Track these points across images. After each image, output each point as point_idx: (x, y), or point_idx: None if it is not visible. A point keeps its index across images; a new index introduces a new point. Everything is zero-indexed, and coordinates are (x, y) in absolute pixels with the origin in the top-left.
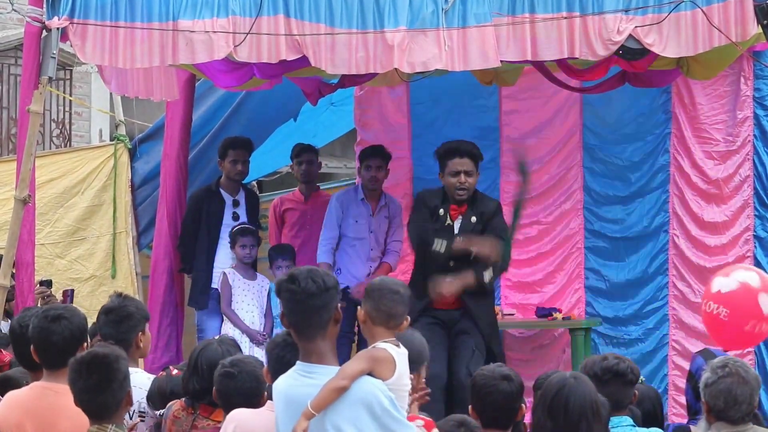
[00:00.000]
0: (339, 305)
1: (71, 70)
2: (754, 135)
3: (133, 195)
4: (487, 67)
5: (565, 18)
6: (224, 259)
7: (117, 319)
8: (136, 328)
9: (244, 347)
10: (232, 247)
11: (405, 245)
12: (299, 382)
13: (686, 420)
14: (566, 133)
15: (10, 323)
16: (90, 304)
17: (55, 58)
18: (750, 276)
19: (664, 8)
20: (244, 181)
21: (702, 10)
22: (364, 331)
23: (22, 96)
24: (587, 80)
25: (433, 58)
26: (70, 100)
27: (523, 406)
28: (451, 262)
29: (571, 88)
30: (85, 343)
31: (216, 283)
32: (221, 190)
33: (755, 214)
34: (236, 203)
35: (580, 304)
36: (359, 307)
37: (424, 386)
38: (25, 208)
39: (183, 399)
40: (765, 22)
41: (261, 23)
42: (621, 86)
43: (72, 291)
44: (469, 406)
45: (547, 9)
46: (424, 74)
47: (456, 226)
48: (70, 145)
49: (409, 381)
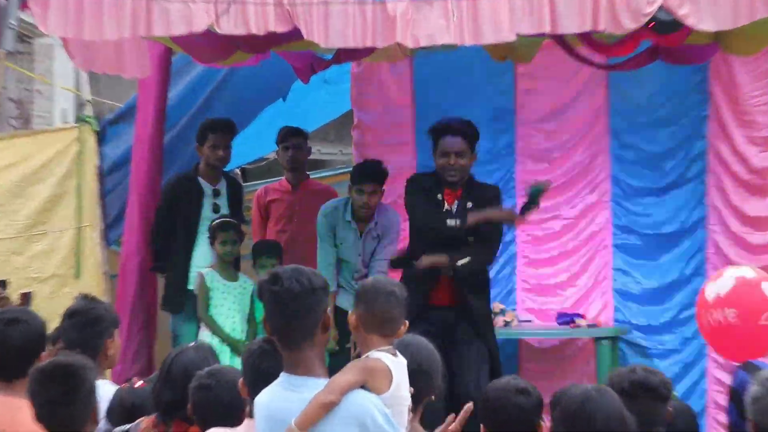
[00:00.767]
0: (328, 309)
1: (32, 43)
2: None
3: (101, 183)
4: (501, 41)
5: None
6: (203, 257)
7: (83, 323)
8: (105, 333)
9: (225, 357)
10: (212, 243)
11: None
12: (283, 397)
13: None
14: (591, 117)
15: None
16: (51, 307)
17: (13, 29)
18: (743, 270)
19: None
20: (225, 169)
21: None
22: (356, 339)
23: None
24: (614, 56)
25: (439, 31)
26: (31, 77)
27: (542, 423)
28: (471, 237)
29: (596, 64)
30: (44, 351)
31: (193, 283)
32: (200, 179)
33: None
34: (217, 193)
35: (607, 309)
36: (350, 312)
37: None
38: None
39: (154, 415)
40: None
41: None
42: (652, 63)
43: (30, 294)
44: (481, 425)
45: None
46: (430, 49)
47: (453, 210)
48: (29, 127)
49: (408, 394)
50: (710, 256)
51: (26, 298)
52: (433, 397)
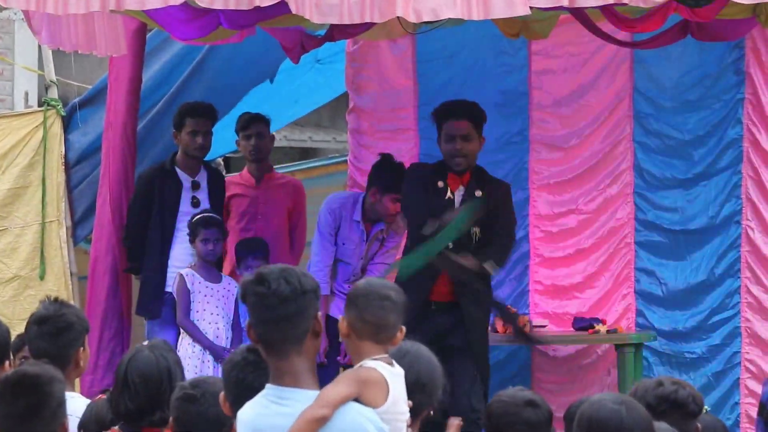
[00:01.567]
0: (319, 314)
1: None
2: None
3: (68, 175)
4: (514, 15)
5: None
6: (181, 256)
7: (53, 330)
8: (76, 342)
9: (207, 367)
10: (192, 241)
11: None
12: (269, 411)
13: None
14: (613, 99)
15: None
16: (12, 312)
17: None
18: None
19: None
20: (206, 158)
21: None
22: (348, 348)
23: None
24: (639, 32)
25: (444, 4)
26: None
27: None
28: (450, 244)
29: (619, 42)
30: (8, 361)
31: (171, 286)
32: (177, 170)
33: None
34: (196, 185)
35: (629, 313)
36: (341, 318)
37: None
38: None
39: (117, 427)
40: None
41: None
42: (682, 40)
43: None
44: None
45: None
46: (434, 24)
47: (457, 198)
48: None
49: (407, 408)
50: (745, 255)
51: None
52: (432, 411)
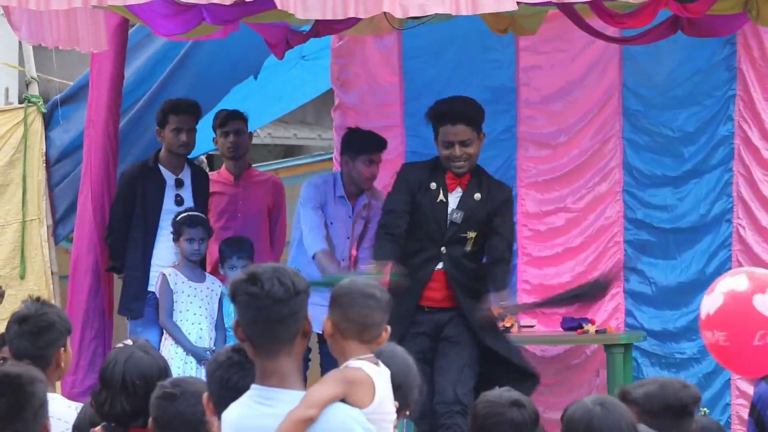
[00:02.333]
0: (310, 315)
1: None
2: None
3: (49, 173)
4: (501, 10)
5: None
6: (164, 255)
7: (34, 330)
8: (58, 342)
9: (190, 369)
10: (176, 239)
11: None
12: (255, 411)
13: None
14: (602, 96)
15: None
16: None
17: None
18: (736, 281)
19: None
20: (189, 156)
21: None
22: (332, 348)
23: None
24: (629, 28)
25: (432, 0)
26: None
27: None
28: (443, 248)
29: (609, 37)
30: None
31: (154, 285)
32: (161, 167)
33: None
34: (180, 183)
35: (618, 313)
36: (324, 318)
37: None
38: None
39: (100, 427)
40: None
41: None
42: (672, 36)
43: None
44: None
45: None
46: (421, 20)
47: (452, 200)
48: None
49: (393, 409)
50: (736, 254)
51: None
52: (408, 412)
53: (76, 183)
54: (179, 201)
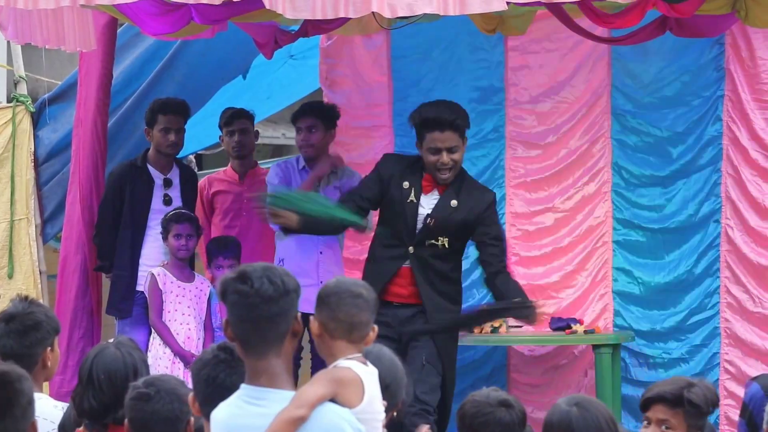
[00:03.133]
0: (299, 314)
1: None
2: None
3: (37, 172)
4: (490, 10)
5: None
6: (153, 255)
7: (21, 329)
8: (45, 341)
9: (178, 369)
10: (165, 238)
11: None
12: (244, 411)
13: None
14: (590, 96)
15: None
16: None
17: None
18: None
19: None
20: (178, 156)
21: None
22: (320, 348)
23: None
24: (618, 28)
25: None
26: None
27: None
28: (412, 248)
29: (597, 38)
30: None
31: (142, 285)
32: (149, 167)
33: None
34: (168, 183)
35: (606, 313)
36: (311, 318)
37: None
38: None
39: (83, 426)
40: None
41: None
42: (661, 36)
43: None
44: None
45: None
46: (409, 20)
47: (426, 204)
48: None
49: (382, 408)
50: (724, 254)
51: None
52: (395, 413)
53: (65, 182)
54: (167, 201)
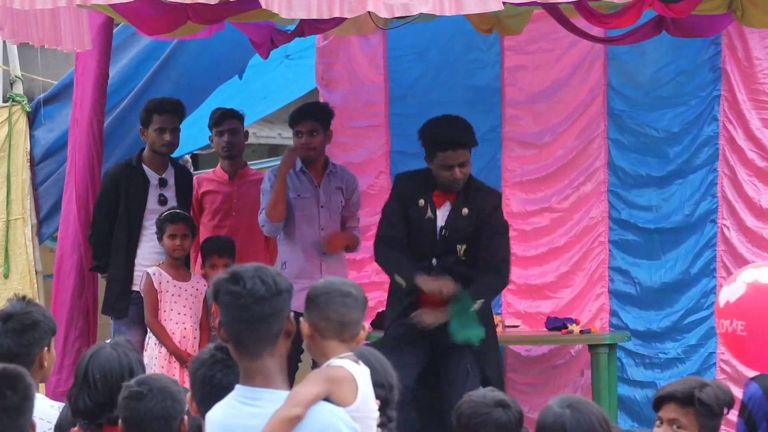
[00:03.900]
0: (292, 314)
1: None
2: None
3: (33, 172)
4: (487, 10)
5: None
6: (148, 255)
7: (19, 328)
8: (42, 341)
9: (174, 368)
10: (160, 237)
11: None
12: (240, 412)
13: None
14: (586, 96)
15: None
16: None
17: None
18: (760, 273)
19: None
20: (173, 155)
21: None
22: (311, 349)
23: None
24: (614, 28)
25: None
26: None
27: None
28: (434, 260)
29: (594, 38)
30: None
31: (138, 285)
32: (144, 167)
33: None
34: (163, 183)
35: (602, 313)
36: (302, 319)
37: None
38: None
39: (78, 426)
40: None
41: None
42: (657, 36)
43: None
44: None
45: None
46: (406, 20)
47: (441, 216)
48: None
49: (375, 406)
50: (720, 254)
51: None
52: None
53: (61, 182)
54: (163, 200)
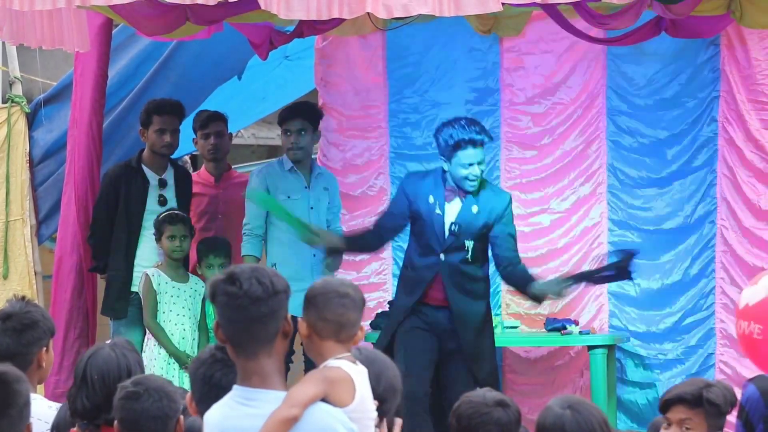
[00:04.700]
0: (289, 315)
1: None
2: None
3: (32, 172)
4: (486, 11)
5: None
6: (147, 255)
7: (18, 327)
8: (40, 341)
9: (174, 369)
10: (158, 238)
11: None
12: (237, 412)
13: None
14: (585, 97)
15: None
16: None
17: None
18: None
19: None
20: (173, 156)
21: None
22: (309, 349)
23: None
24: (613, 29)
25: (416, 0)
26: None
27: None
28: (442, 255)
29: (593, 38)
30: None
31: (137, 285)
32: (144, 168)
33: None
34: (163, 184)
35: (602, 314)
36: (300, 319)
37: None
38: None
39: (77, 426)
40: None
41: None
42: (656, 37)
43: None
44: None
45: None
46: (405, 20)
47: (450, 212)
48: None
49: (374, 406)
50: (719, 255)
51: None
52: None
53: (60, 183)
54: (162, 201)
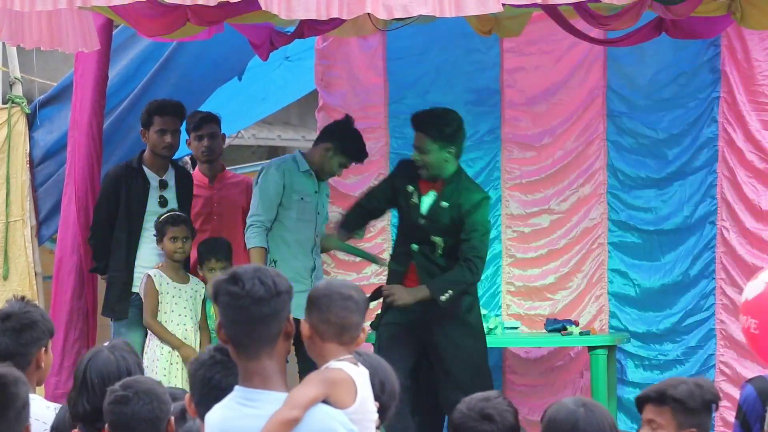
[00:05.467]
0: (291, 316)
1: None
2: None
3: (32, 173)
4: (486, 12)
5: None
6: (148, 257)
7: (18, 327)
8: (39, 342)
9: (176, 369)
10: (159, 240)
11: None
12: (238, 413)
13: None
14: (586, 98)
15: None
16: None
17: None
18: None
19: None
20: (173, 157)
21: None
22: (310, 350)
23: None
24: (613, 30)
25: (416, 1)
26: None
27: None
28: (416, 246)
29: (593, 39)
30: None
31: (138, 286)
32: (145, 168)
33: None
34: (164, 185)
35: (602, 315)
36: (302, 320)
37: None
38: None
39: (77, 429)
40: None
41: None
42: (656, 38)
43: None
44: None
45: None
46: (405, 21)
47: (424, 204)
48: None
49: (374, 408)
50: (720, 256)
51: None
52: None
53: (60, 184)
54: (163, 202)
